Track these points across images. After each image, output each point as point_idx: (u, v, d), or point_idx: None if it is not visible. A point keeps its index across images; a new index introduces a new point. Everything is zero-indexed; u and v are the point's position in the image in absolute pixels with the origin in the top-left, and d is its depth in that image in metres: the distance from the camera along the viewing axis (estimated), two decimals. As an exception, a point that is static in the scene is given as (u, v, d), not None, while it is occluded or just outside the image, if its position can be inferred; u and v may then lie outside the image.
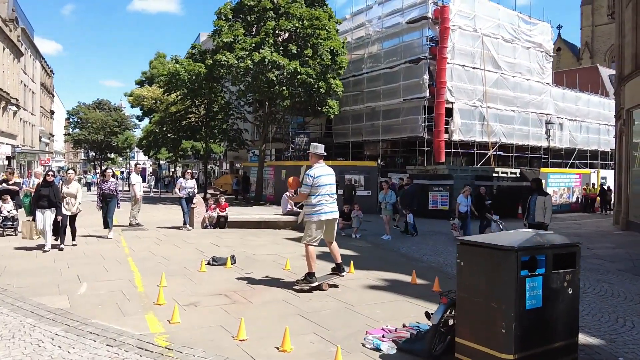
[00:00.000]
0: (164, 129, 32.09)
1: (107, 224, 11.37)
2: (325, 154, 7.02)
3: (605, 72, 41.38)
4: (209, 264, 8.16)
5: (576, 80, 35.05)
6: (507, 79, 27.61)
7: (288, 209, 15.18)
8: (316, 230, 6.63)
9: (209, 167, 41.44)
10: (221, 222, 14.15)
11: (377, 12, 28.38)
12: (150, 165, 59.67)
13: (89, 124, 57.28)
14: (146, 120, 47.12)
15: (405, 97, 25.98)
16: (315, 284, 6.60)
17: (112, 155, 66.34)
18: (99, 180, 17.67)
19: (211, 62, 23.18)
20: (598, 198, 27.07)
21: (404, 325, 5.13)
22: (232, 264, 8.24)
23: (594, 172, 29.58)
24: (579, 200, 26.53)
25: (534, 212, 10.30)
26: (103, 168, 41.77)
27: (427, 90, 24.81)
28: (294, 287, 6.64)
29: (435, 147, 25.02)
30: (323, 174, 6.66)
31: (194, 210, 14.05)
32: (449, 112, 25.22)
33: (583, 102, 33.34)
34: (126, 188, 40.01)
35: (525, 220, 10.70)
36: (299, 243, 11.53)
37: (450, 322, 4.34)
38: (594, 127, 33.93)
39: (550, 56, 30.46)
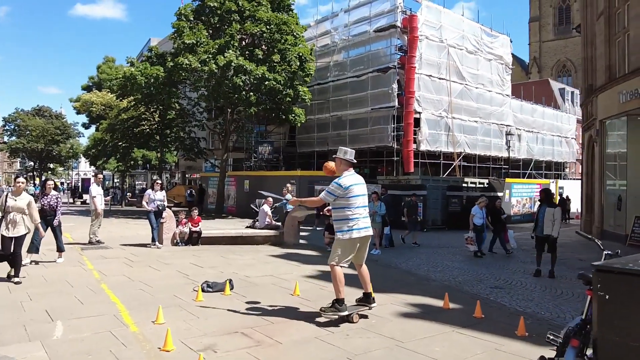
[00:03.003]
0: (115, 137, 29.95)
1: (33, 248, 8.86)
2: (356, 161, 6.01)
3: (556, 86, 42.95)
4: (203, 290, 6.91)
5: (531, 93, 36.03)
6: (470, 90, 27.73)
7: (266, 223, 14.03)
8: (347, 249, 5.61)
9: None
10: (194, 239, 12.79)
11: (343, 20, 27.80)
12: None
13: (28, 132, 53.12)
14: (93, 128, 44.21)
15: (373, 107, 25.46)
16: (345, 313, 5.57)
17: (53, 166, 61.90)
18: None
19: (172, 64, 21.66)
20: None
21: (481, 368, 4.22)
22: (230, 289, 7.05)
23: (553, 182, 30.27)
24: (541, 209, 26.90)
25: (542, 223, 9.77)
26: (44, 179, 38.52)
27: (396, 100, 24.39)
28: (320, 318, 5.59)
29: (404, 157, 24.59)
30: (355, 183, 5.66)
31: (163, 225, 12.60)
32: (417, 122, 24.92)
33: (539, 114, 34.22)
34: (70, 201, 37.20)
35: (533, 232, 10.18)
36: (288, 261, 10.45)
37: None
38: (549, 138, 34.88)
39: (510, 68, 31.03)
